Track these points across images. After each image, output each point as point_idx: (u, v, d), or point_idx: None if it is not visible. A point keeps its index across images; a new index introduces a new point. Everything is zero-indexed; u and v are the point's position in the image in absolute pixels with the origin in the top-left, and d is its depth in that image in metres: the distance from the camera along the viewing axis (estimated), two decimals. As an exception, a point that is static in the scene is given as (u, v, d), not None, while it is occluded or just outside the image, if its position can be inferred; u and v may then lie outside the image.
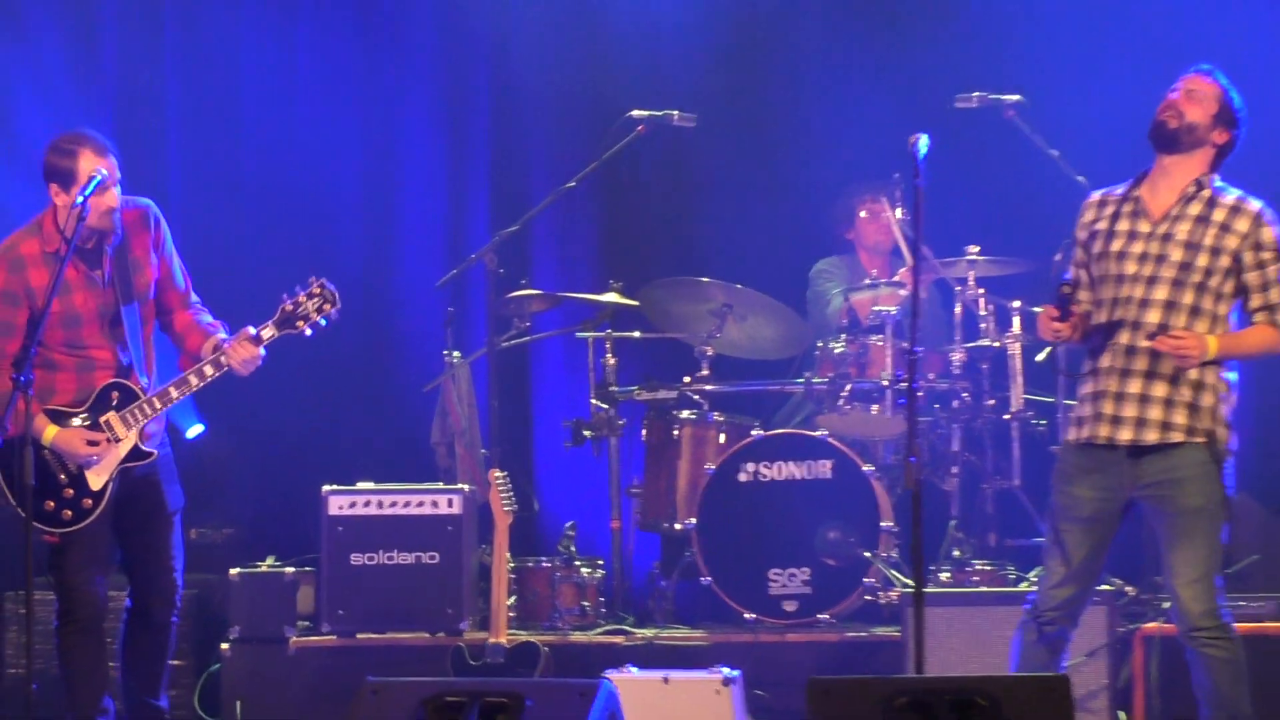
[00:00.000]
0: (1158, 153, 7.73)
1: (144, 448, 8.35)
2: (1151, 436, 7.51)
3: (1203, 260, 7.60)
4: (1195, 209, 7.72)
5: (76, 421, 8.30)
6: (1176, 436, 7.52)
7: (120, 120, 12.17)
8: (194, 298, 8.55)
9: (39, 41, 12.50)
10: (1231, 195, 7.80)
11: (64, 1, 12.80)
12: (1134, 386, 7.55)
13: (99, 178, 8.10)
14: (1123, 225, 7.82)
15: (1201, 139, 7.78)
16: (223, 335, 8.26)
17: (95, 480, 8.35)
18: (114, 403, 8.39)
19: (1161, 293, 7.60)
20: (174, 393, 8.35)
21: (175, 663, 9.22)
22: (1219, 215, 7.71)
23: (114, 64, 12.68)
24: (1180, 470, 7.56)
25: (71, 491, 8.29)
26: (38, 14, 12.61)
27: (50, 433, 8.20)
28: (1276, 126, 10.02)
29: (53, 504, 8.21)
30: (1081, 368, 7.91)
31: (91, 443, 8.23)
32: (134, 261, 8.52)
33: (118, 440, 8.33)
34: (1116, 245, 7.77)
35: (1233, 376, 7.73)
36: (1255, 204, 7.75)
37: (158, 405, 8.37)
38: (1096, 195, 8.05)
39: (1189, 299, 7.60)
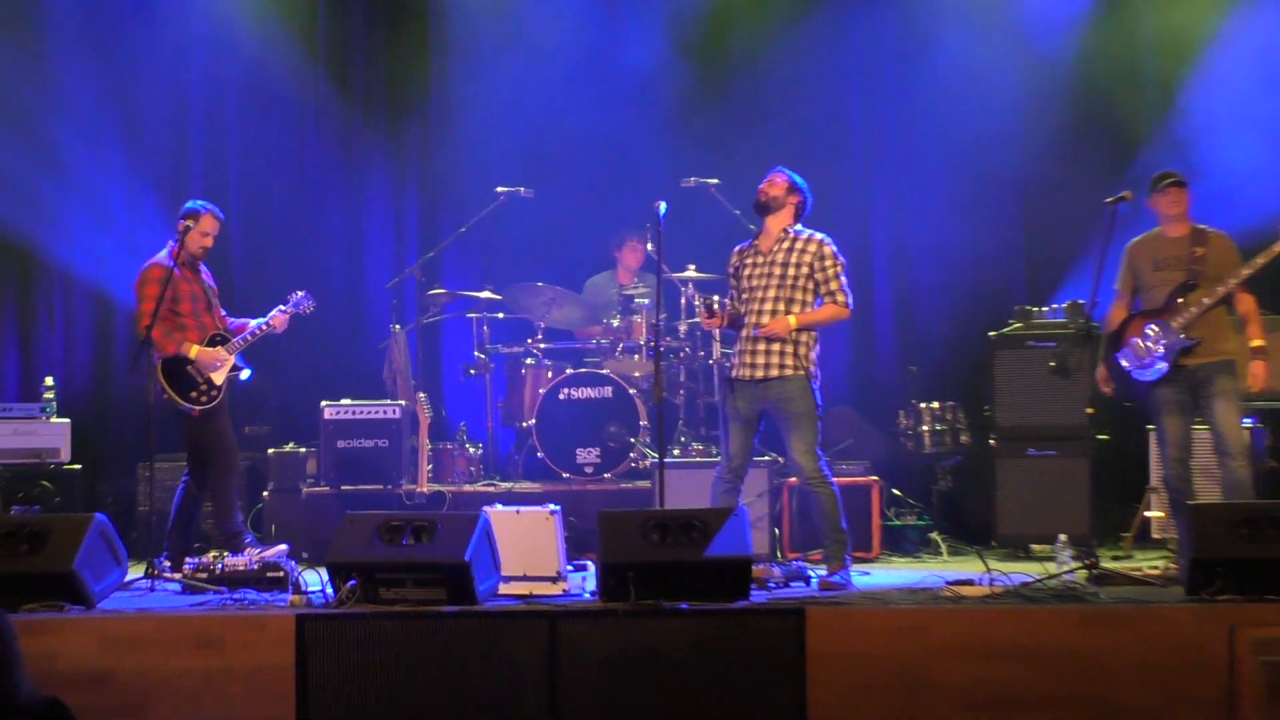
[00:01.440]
0: (760, 216, 10.66)
1: (237, 364, 11.33)
2: (773, 374, 10.33)
3: (791, 273, 10.40)
4: (785, 244, 10.48)
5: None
6: (786, 372, 10.31)
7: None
8: None
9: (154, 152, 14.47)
10: (805, 233, 10.55)
11: (163, 135, 14.62)
12: (761, 346, 10.33)
13: (210, 229, 11.29)
14: (751, 259, 10.61)
15: (784, 204, 10.54)
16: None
17: (217, 379, 11.26)
18: (219, 341, 11.30)
19: (771, 294, 10.41)
20: (248, 339, 11.37)
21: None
22: (801, 244, 10.45)
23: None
24: (790, 390, 10.31)
25: (205, 385, 11.19)
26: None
27: (194, 350, 11.11)
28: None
29: (195, 393, 11.14)
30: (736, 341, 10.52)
31: (221, 359, 11.21)
32: (208, 274, 11.57)
33: (224, 360, 11.28)
34: (746, 272, 10.58)
35: (813, 334, 10.43)
36: (819, 235, 10.50)
37: (238, 345, 11.30)
38: (738, 247, 10.82)
39: (786, 295, 10.39)
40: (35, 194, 13.87)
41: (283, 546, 11.30)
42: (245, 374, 11.64)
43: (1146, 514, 12.38)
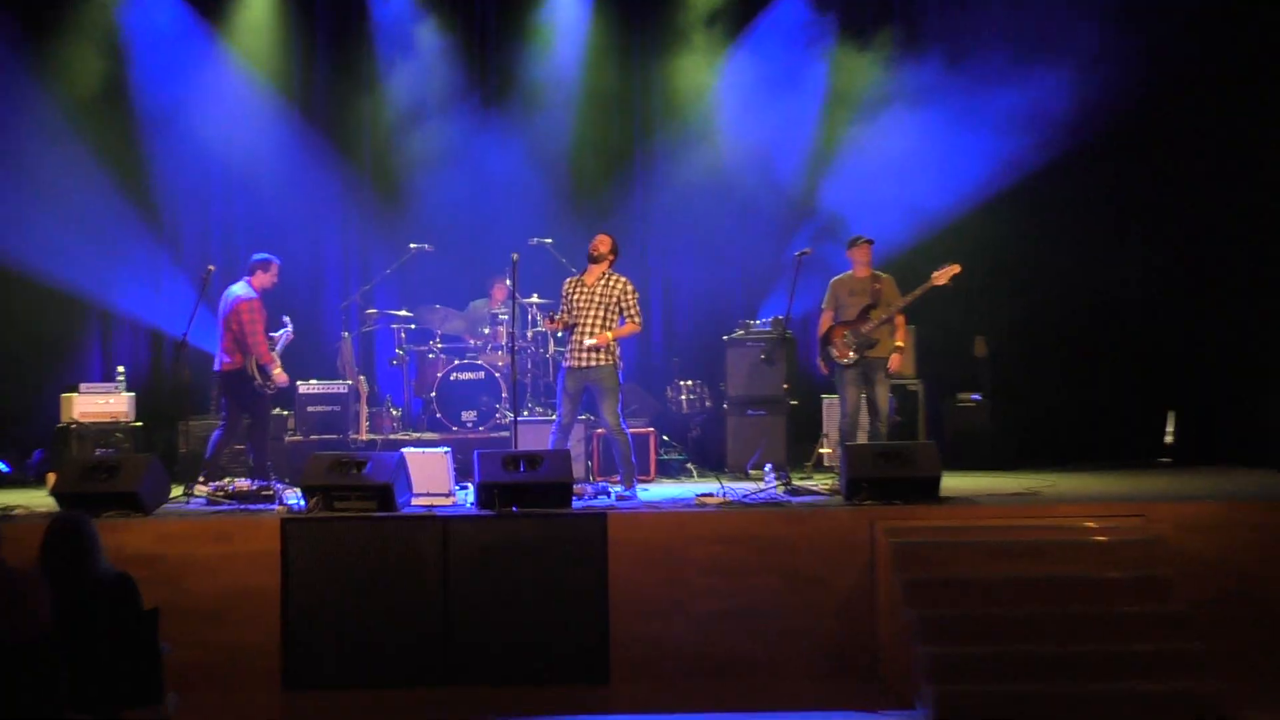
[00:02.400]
0: (590, 263, 10.26)
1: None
2: (591, 364, 10.10)
3: (607, 301, 10.15)
4: (604, 282, 10.19)
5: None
6: (601, 362, 10.10)
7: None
8: None
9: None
10: (615, 275, 10.25)
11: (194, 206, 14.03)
12: (586, 346, 10.08)
13: (277, 274, 10.98)
14: (578, 289, 10.28)
15: (605, 257, 10.25)
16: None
17: (276, 372, 10.80)
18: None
19: (592, 314, 10.16)
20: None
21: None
22: (612, 282, 10.20)
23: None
24: (602, 374, 10.13)
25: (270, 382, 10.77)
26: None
27: (278, 368, 10.88)
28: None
29: (269, 382, 10.75)
30: (566, 343, 10.50)
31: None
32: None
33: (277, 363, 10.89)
34: (575, 297, 10.24)
35: (614, 339, 10.13)
36: (624, 278, 10.20)
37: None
38: (568, 279, 10.46)
39: (602, 316, 10.13)
40: (105, 252, 13.53)
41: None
42: None
43: (820, 450, 12.37)
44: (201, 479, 10.68)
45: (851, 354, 10.75)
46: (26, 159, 13.26)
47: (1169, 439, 13.42)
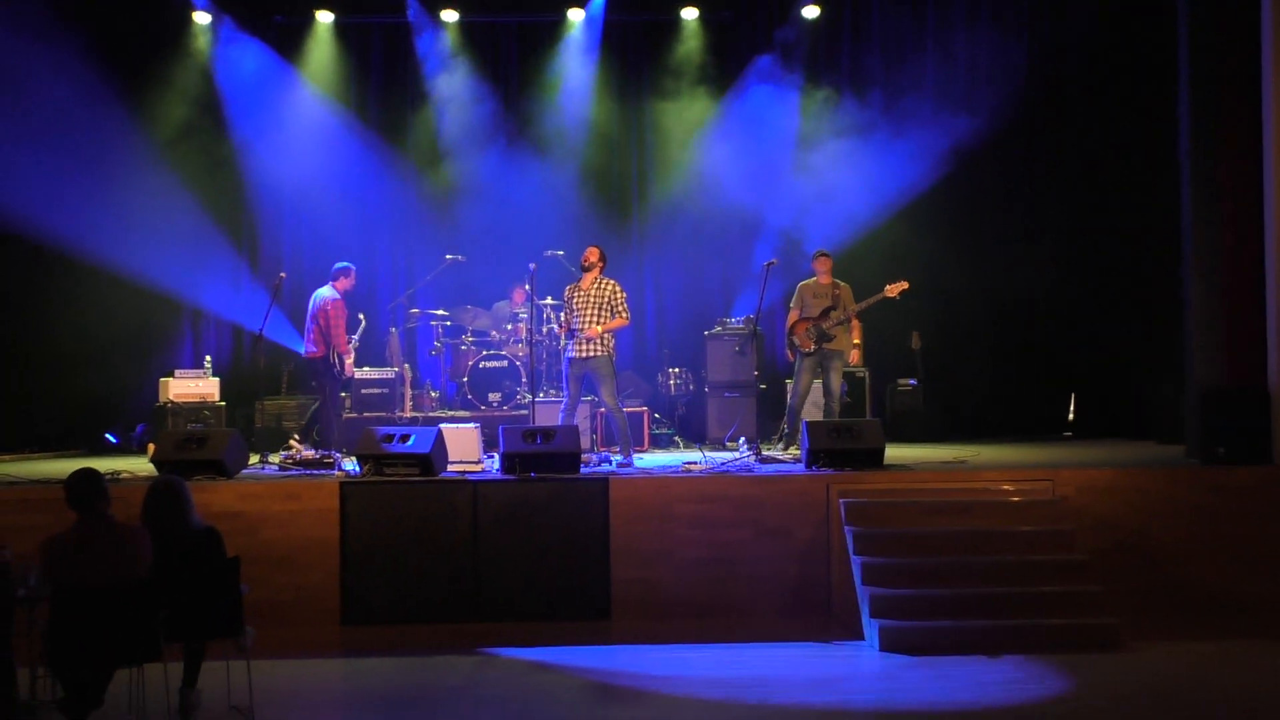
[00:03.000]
0: (584, 271, 10.24)
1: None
2: (590, 354, 10.06)
3: (600, 301, 10.10)
4: (597, 285, 10.15)
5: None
6: (598, 354, 10.06)
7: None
8: None
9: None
10: (607, 279, 10.20)
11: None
12: (584, 340, 10.02)
13: (354, 280, 11.07)
14: (578, 292, 10.24)
15: (594, 265, 10.21)
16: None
17: (350, 362, 10.91)
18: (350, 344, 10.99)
19: (589, 313, 10.10)
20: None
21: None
22: (604, 285, 10.14)
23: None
24: (600, 362, 10.06)
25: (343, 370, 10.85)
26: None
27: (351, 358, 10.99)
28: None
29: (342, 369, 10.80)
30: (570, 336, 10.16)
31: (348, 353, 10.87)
32: None
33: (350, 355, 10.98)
34: (575, 301, 10.19)
35: (612, 334, 10.12)
36: (613, 281, 10.16)
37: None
38: (569, 285, 10.39)
39: (597, 314, 10.06)
40: (195, 261, 13.57)
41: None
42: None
43: (784, 427, 12.21)
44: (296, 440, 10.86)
45: (812, 345, 10.74)
46: (130, 181, 13.19)
47: (1071, 416, 13.60)
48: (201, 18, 13.65)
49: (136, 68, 13.39)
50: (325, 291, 10.97)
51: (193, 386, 12.46)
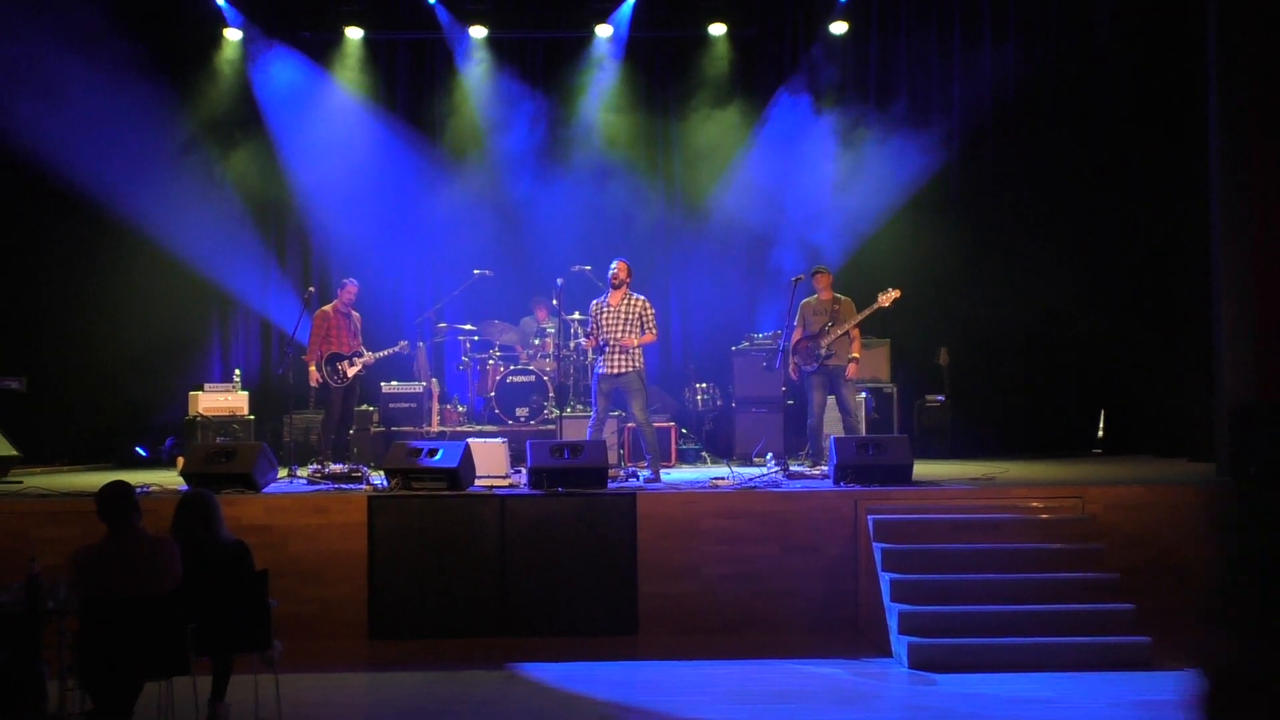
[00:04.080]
0: (613, 287, 10.27)
1: (359, 372, 11.20)
2: (621, 370, 10.11)
3: (629, 317, 10.14)
4: (626, 301, 10.19)
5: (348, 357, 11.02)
6: (628, 369, 10.10)
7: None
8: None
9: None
10: (636, 295, 10.24)
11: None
12: (615, 355, 10.08)
13: (353, 292, 11.25)
14: (606, 308, 10.26)
15: (623, 281, 10.23)
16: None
17: (350, 371, 11.11)
18: (356, 357, 11.21)
19: (619, 329, 10.12)
20: (374, 357, 11.37)
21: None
22: (633, 301, 10.17)
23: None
24: (630, 379, 10.11)
25: (338, 378, 11.05)
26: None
27: (312, 368, 11.06)
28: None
29: (335, 379, 11.03)
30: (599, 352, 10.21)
31: (352, 362, 11.11)
32: (355, 317, 11.39)
33: (356, 364, 11.20)
34: (603, 316, 10.21)
35: (640, 350, 10.11)
36: (642, 297, 10.25)
37: (371, 360, 11.31)
38: (595, 301, 10.43)
39: (626, 330, 10.10)
40: (224, 274, 13.65)
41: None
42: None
43: (809, 448, 12.15)
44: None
45: (815, 363, 10.74)
46: (160, 193, 13.27)
47: (1100, 433, 13.48)
48: (232, 34, 13.73)
49: (178, 70, 13.54)
50: (326, 305, 11.43)
51: (222, 400, 12.45)
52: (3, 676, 5.81)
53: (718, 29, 13.93)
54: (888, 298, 10.67)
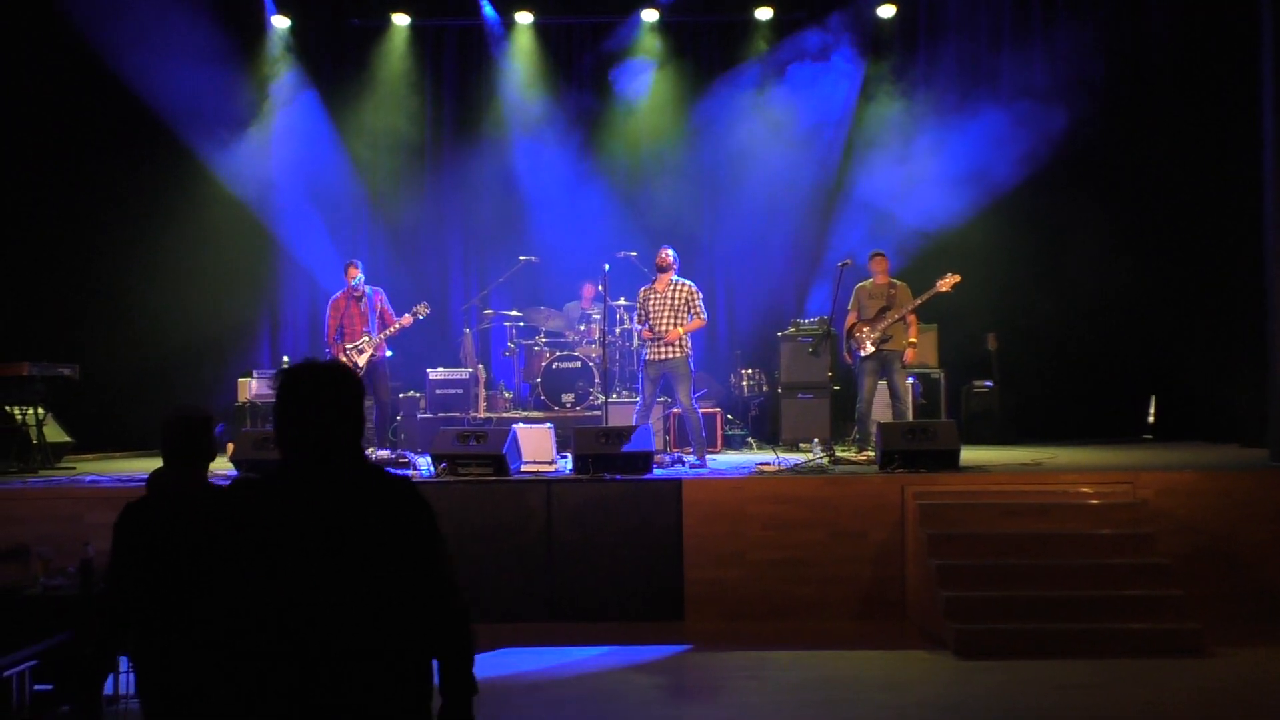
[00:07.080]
0: (659, 272, 10.21)
1: (372, 356, 11.01)
2: (668, 356, 10.03)
3: (676, 302, 10.07)
4: (673, 287, 10.13)
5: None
6: (675, 355, 10.03)
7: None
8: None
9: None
10: (682, 280, 10.16)
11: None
12: (662, 342, 10.00)
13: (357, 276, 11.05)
14: (653, 294, 10.24)
15: (669, 266, 10.17)
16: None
17: (360, 359, 10.93)
18: (362, 339, 11.02)
19: (666, 315, 10.08)
20: (379, 339, 11.07)
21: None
22: (679, 287, 10.12)
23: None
24: (677, 363, 10.04)
25: (351, 362, 10.81)
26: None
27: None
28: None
29: (348, 361, 10.77)
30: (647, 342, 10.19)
31: (360, 349, 10.96)
32: (368, 301, 11.20)
33: (364, 350, 11.01)
34: (651, 302, 10.20)
35: (685, 333, 9.97)
36: (688, 282, 10.19)
37: (376, 341, 11.03)
38: (643, 288, 10.38)
39: (673, 315, 10.04)
40: (276, 259, 13.90)
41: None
42: (389, 353, 11.53)
43: (856, 432, 12.14)
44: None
45: (870, 346, 10.68)
46: (203, 178, 13.45)
47: (1151, 419, 13.46)
48: (280, 21, 13.89)
49: (225, 70, 13.63)
50: (338, 293, 11.35)
51: (270, 386, 12.48)
52: (64, 659, 5.83)
53: (764, 13, 13.91)
54: (947, 283, 10.59)
